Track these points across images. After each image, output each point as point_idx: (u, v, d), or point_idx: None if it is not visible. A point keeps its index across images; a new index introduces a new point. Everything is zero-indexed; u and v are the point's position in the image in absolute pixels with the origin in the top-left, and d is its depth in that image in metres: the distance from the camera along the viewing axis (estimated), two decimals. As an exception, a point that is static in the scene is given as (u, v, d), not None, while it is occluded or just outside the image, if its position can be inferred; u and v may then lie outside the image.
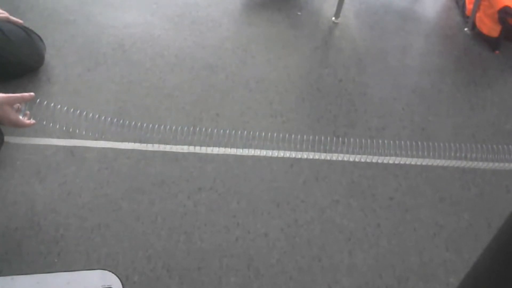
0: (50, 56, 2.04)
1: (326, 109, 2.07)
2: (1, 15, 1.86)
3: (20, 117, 1.36)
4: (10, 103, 1.33)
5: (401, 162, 1.87)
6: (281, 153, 1.81)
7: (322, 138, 1.91)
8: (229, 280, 1.38)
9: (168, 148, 1.74)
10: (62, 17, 2.31)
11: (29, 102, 1.39)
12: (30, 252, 1.35)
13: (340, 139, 1.92)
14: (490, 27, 2.66)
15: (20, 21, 1.91)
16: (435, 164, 1.90)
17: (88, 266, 1.35)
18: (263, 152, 1.80)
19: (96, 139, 1.73)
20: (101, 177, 1.60)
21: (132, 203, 1.54)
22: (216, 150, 1.77)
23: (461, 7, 3.00)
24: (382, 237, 1.58)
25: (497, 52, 2.67)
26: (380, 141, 1.94)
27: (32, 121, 1.40)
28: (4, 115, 1.31)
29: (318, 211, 1.62)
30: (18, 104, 1.36)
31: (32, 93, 1.39)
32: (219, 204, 1.59)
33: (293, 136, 1.88)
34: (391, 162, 1.86)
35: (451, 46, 2.73)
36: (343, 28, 2.68)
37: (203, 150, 1.76)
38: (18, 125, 1.36)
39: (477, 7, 2.73)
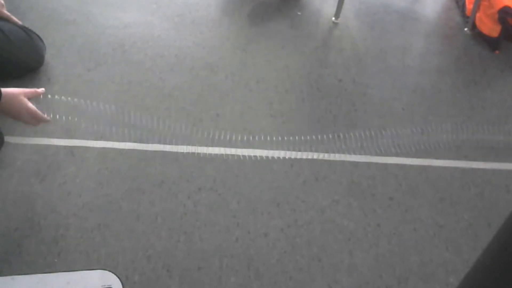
0: (50, 56, 2.04)
1: (326, 109, 2.07)
2: (5, 12, 1.86)
3: None
4: (25, 95, 1.34)
5: (401, 162, 1.87)
6: (281, 153, 1.81)
7: (322, 138, 1.91)
8: (229, 280, 1.38)
9: (168, 148, 1.74)
10: (62, 17, 2.31)
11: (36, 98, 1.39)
12: (30, 252, 1.35)
13: (340, 139, 1.92)
14: (490, 27, 2.66)
15: (19, 22, 1.91)
16: (435, 164, 1.90)
17: (88, 266, 1.35)
18: (263, 152, 1.80)
19: (96, 139, 1.73)
20: (101, 177, 1.60)
21: (132, 203, 1.54)
22: (216, 150, 1.77)
23: (461, 7, 3.00)
24: (382, 237, 1.58)
25: (497, 52, 2.67)
26: (380, 141, 1.94)
27: (48, 117, 1.40)
28: (22, 106, 1.31)
29: (318, 211, 1.62)
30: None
31: (43, 89, 1.40)
32: (219, 204, 1.59)
33: (293, 136, 1.88)
34: (391, 162, 1.87)
35: (451, 46, 2.73)
36: (343, 28, 2.68)
37: (203, 150, 1.76)
38: (37, 117, 1.35)
39: (477, 7, 2.73)
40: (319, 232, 1.56)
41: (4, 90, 1.29)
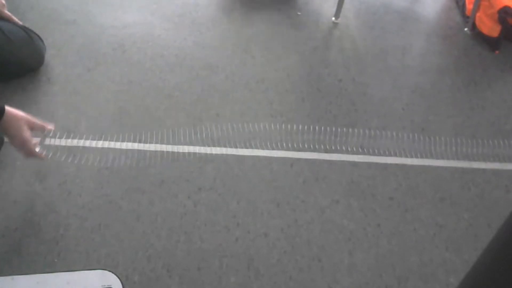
0: (50, 56, 2.04)
1: (326, 109, 2.07)
2: (6, 12, 1.86)
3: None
4: (29, 123, 1.33)
5: (401, 162, 1.87)
6: (281, 153, 1.81)
7: (322, 138, 1.91)
8: (229, 280, 1.38)
9: (168, 148, 1.74)
10: (62, 17, 2.31)
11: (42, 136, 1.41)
12: (30, 252, 1.35)
13: (340, 139, 1.92)
14: (490, 27, 2.66)
15: (20, 22, 1.91)
16: (435, 164, 1.90)
17: (88, 266, 1.35)
18: (263, 152, 1.80)
19: (96, 139, 1.73)
20: (101, 177, 1.60)
21: (132, 203, 1.54)
22: (216, 150, 1.77)
23: (461, 7, 3.00)
24: (382, 237, 1.58)
25: (497, 52, 2.67)
26: (380, 141, 1.94)
27: (43, 154, 1.41)
28: (18, 131, 1.30)
29: (318, 211, 1.62)
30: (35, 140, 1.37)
31: (52, 127, 1.41)
32: (219, 204, 1.59)
33: (293, 136, 1.88)
34: (391, 162, 1.87)
35: (451, 46, 2.73)
36: (343, 28, 2.68)
37: (203, 150, 1.76)
38: (27, 147, 1.34)
39: (477, 7, 2.73)
40: (319, 232, 1.56)
41: (8, 109, 1.28)
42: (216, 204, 1.59)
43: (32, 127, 1.35)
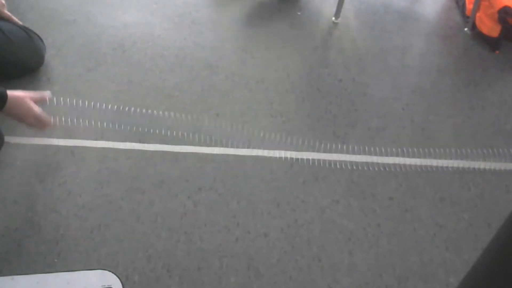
0: (50, 56, 2.04)
1: (326, 109, 2.07)
2: (6, 12, 1.87)
3: None
4: (32, 98, 1.37)
5: (401, 162, 1.87)
6: (281, 153, 1.81)
7: (322, 137, 1.91)
8: (229, 280, 1.38)
9: (168, 148, 1.74)
10: (62, 17, 2.31)
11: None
12: (30, 252, 1.35)
13: (340, 139, 1.92)
14: (490, 27, 2.66)
15: (20, 22, 1.91)
16: (435, 164, 1.90)
17: (88, 266, 1.35)
18: (263, 152, 1.80)
19: (96, 139, 1.73)
20: (101, 177, 1.60)
21: (132, 203, 1.54)
22: (216, 150, 1.77)
23: (461, 7, 3.00)
24: (382, 237, 1.58)
25: (497, 52, 2.67)
26: (380, 141, 1.94)
27: (53, 121, 1.43)
28: (29, 109, 1.33)
29: (318, 211, 1.62)
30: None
31: (49, 92, 1.44)
32: (219, 204, 1.59)
33: (293, 136, 1.88)
34: (391, 162, 1.87)
35: (451, 46, 2.73)
36: (343, 28, 2.68)
37: (203, 150, 1.76)
38: (43, 121, 1.37)
39: (477, 7, 2.73)
40: (319, 232, 1.56)
41: (10, 92, 1.30)
42: (216, 204, 1.59)
43: (35, 101, 1.38)
